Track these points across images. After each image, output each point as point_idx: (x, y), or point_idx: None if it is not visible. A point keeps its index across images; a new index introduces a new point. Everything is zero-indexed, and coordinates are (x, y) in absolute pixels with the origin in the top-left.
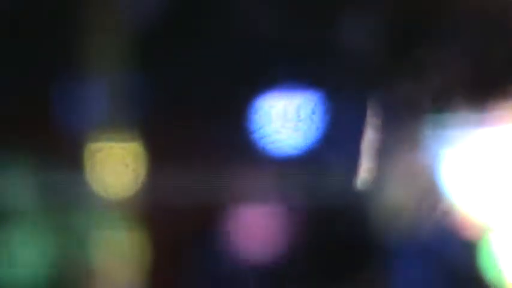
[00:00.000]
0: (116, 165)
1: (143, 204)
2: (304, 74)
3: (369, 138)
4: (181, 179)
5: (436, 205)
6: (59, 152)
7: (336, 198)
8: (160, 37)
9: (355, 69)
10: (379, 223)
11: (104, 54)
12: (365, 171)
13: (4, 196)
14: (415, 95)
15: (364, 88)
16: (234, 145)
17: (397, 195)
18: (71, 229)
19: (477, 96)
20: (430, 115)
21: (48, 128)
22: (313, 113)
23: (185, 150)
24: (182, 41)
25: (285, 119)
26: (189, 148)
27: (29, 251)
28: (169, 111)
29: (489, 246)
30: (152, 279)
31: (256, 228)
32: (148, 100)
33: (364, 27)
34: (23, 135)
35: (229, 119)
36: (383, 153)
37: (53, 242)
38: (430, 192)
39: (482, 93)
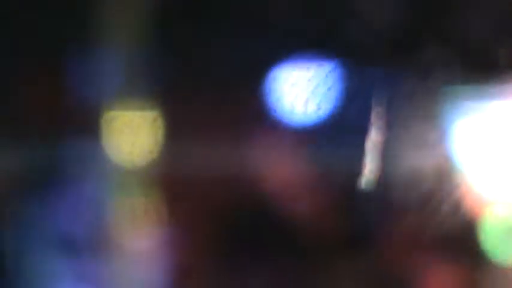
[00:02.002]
0: (133, 134)
1: (160, 173)
2: (322, 48)
3: (383, 111)
4: (197, 147)
5: (451, 181)
6: (76, 121)
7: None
8: (179, 7)
9: (371, 42)
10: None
11: (122, 22)
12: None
13: (19, 165)
14: (430, 68)
15: (379, 61)
16: (251, 115)
17: (411, 169)
18: (88, 197)
19: (492, 69)
20: (445, 87)
21: (66, 96)
22: (330, 86)
23: (202, 119)
24: (200, 10)
25: (302, 91)
26: (205, 117)
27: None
28: (186, 80)
29: (503, 220)
30: (168, 246)
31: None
32: (166, 69)
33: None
34: (40, 104)
35: (246, 89)
36: (397, 126)
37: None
38: (445, 166)
39: (497, 65)
